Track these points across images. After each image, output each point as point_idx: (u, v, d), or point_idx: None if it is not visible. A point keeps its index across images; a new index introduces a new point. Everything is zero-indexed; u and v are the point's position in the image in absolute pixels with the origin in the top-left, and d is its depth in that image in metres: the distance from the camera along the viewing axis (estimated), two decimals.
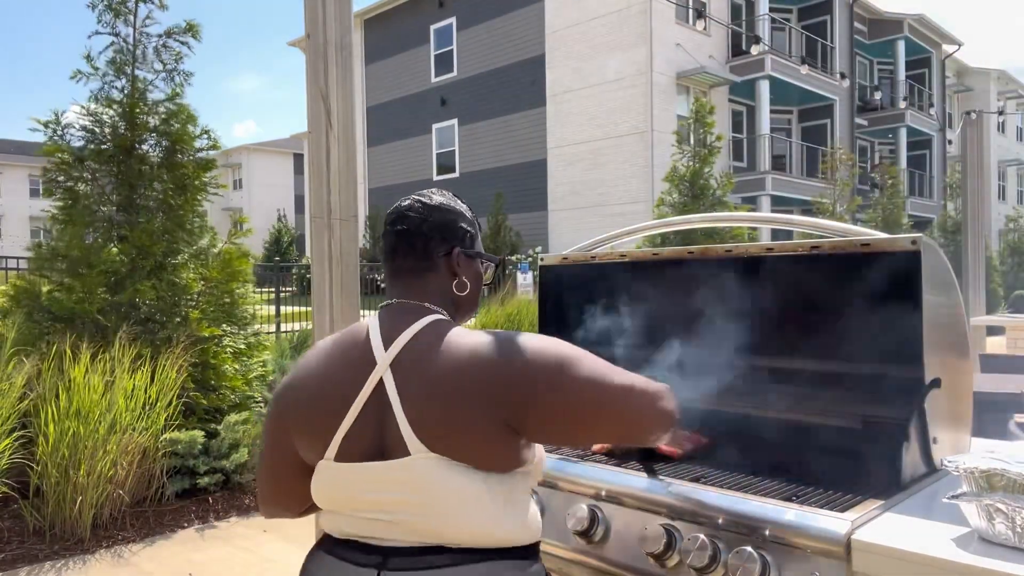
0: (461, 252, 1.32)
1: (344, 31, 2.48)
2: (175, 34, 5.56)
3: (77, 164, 5.36)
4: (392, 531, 1.17)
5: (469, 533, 1.15)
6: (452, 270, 1.31)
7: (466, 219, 1.36)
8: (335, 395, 1.20)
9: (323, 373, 1.24)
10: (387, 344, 1.21)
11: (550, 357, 1.18)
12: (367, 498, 1.17)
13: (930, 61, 28.93)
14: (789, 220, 2.04)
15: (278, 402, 1.29)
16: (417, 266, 1.30)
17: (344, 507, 1.21)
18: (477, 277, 1.37)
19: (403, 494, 1.15)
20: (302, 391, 1.25)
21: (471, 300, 1.36)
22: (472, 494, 1.14)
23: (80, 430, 4.05)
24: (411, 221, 1.30)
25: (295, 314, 13.04)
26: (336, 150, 2.45)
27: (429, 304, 1.28)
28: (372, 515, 1.17)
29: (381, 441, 1.18)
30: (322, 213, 2.45)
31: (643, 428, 1.29)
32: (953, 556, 1.18)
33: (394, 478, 1.15)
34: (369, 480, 1.17)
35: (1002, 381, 3.40)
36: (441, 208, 1.32)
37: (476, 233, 1.38)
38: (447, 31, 23.68)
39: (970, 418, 1.73)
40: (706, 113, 13.72)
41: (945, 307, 1.62)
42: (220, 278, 5.51)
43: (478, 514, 1.15)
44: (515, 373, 1.16)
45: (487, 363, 1.16)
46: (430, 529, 1.15)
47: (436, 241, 1.30)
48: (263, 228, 31.14)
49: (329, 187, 2.45)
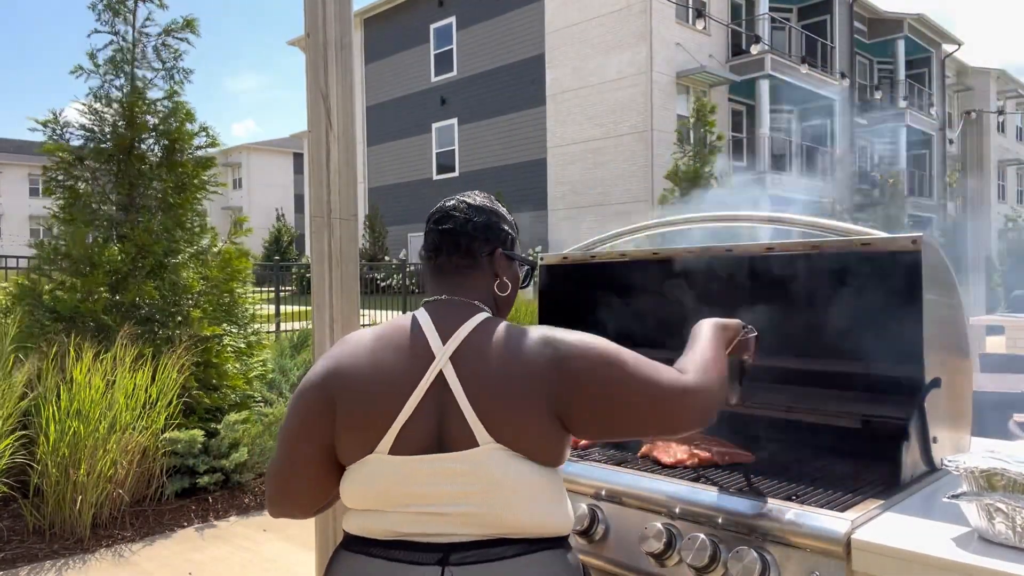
0: (503, 253, 1.34)
1: (344, 30, 2.48)
2: (174, 31, 5.56)
3: (77, 163, 5.36)
4: (450, 525, 1.16)
5: (529, 523, 1.17)
6: (494, 270, 1.34)
7: (507, 221, 1.38)
8: (391, 388, 1.19)
9: (372, 367, 1.22)
10: (444, 338, 1.22)
11: (590, 353, 1.20)
12: (426, 491, 1.16)
13: (930, 61, 28.92)
14: (789, 220, 2.04)
15: (315, 395, 1.24)
16: (462, 264, 1.31)
17: (397, 502, 1.18)
18: (515, 279, 1.39)
19: (467, 485, 1.15)
20: (349, 384, 1.22)
21: (509, 301, 1.38)
22: (533, 484, 1.17)
23: (80, 429, 4.05)
24: (456, 220, 1.32)
25: (295, 313, 13.04)
26: (336, 149, 2.45)
27: (478, 302, 1.30)
28: (429, 509, 1.16)
29: (441, 433, 1.18)
30: (322, 213, 2.44)
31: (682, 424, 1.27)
32: (953, 556, 1.18)
33: (459, 469, 1.15)
34: (430, 472, 1.16)
35: (1002, 381, 3.40)
36: (484, 209, 1.35)
37: (516, 236, 1.40)
38: (447, 30, 23.68)
39: (970, 417, 1.73)
40: (707, 112, 13.73)
41: (945, 306, 1.62)
42: (220, 277, 5.51)
43: (537, 505, 1.18)
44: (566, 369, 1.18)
45: (543, 359, 1.18)
46: (493, 520, 1.15)
47: (480, 241, 1.32)
48: (263, 227, 31.14)
49: (329, 187, 2.44)
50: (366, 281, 16.23)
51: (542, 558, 1.17)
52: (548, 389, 1.17)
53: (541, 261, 2.39)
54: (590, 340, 1.23)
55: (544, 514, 1.19)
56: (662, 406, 1.22)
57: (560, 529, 1.22)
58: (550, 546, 1.20)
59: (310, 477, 1.26)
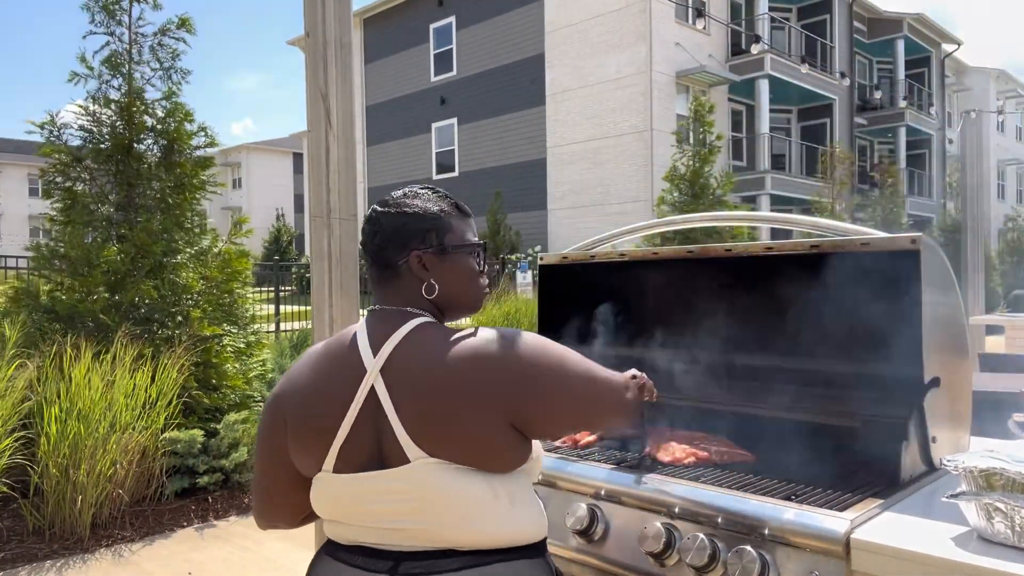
0: (422, 254, 1.26)
1: (344, 30, 2.48)
2: (169, 31, 5.55)
3: (75, 164, 5.36)
4: (401, 537, 1.15)
5: (477, 536, 1.14)
6: (417, 275, 1.26)
7: (426, 218, 1.27)
8: (328, 405, 1.18)
9: (314, 383, 1.22)
10: (375, 350, 1.19)
11: (550, 355, 1.20)
12: (370, 509, 1.16)
13: (930, 60, 28.92)
14: (789, 220, 2.04)
15: (271, 414, 1.26)
16: (383, 275, 1.28)
17: (348, 518, 1.19)
18: (458, 272, 1.29)
19: (406, 502, 1.13)
20: (294, 403, 1.22)
21: (455, 298, 1.30)
22: (476, 496, 1.14)
23: (80, 429, 4.05)
24: (366, 234, 1.30)
25: (295, 313, 13.04)
26: (335, 149, 2.45)
27: (411, 308, 1.25)
28: (379, 524, 1.16)
29: (379, 450, 1.16)
30: (321, 212, 2.45)
31: (616, 418, 1.33)
32: (952, 555, 1.18)
33: (395, 487, 1.14)
34: (370, 490, 1.15)
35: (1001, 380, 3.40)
36: (392, 213, 1.28)
37: (444, 226, 1.28)
38: (447, 30, 23.67)
39: (969, 417, 1.73)
40: (705, 112, 13.72)
41: (944, 306, 1.62)
42: (220, 278, 5.51)
43: (485, 516, 1.14)
44: (518, 373, 1.15)
45: (485, 364, 1.15)
46: (438, 535, 1.14)
47: (392, 249, 1.26)
48: (262, 227, 31.13)
49: (328, 186, 2.44)
50: (366, 281, 16.20)
51: (500, 569, 1.14)
52: (496, 395, 1.13)
53: (541, 261, 2.39)
54: (541, 341, 1.22)
55: (496, 524, 1.15)
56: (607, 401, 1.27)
57: (521, 538, 1.19)
58: (511, 556, 1.17)
59: (283, 492, 1.28)
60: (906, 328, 1.55)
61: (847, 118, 25.05)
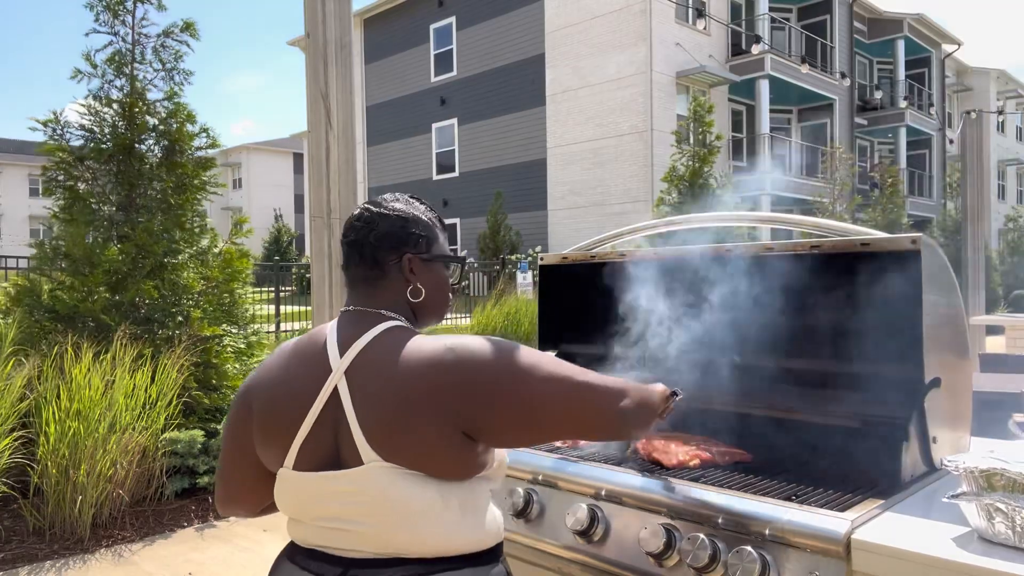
0: (413, 257, 1.28)
1: (344, 30, 2.48)
2: (173, 33, 5.56)
3: (77, 163, 5.36)
4: (352, 541, 1.16)
5: (425, 543, 1.14)
6: (405, 277, 1.28)
7: (420, 223, 1.31)
8: (293, 403, 1.19)
9: (281, 379, 1.23)
10: (343, 351, 1.19)
11: (503, 363, 1.17)
12: (324, 508, 1.16)
13: (930, 61, 28.92)
14: (789, 220, 2.04)
15: (239, 405, 1.27)
16: (369, 275, 1.28)
17: (304, 516, 1.20)
18: (438, 281, 1.33)
19: (358, 504, 1.14)
20: (261, 396, 1.24)
21: (432, 305, 1.33)
22: (426, 504, 1.13)
23: (80, 429, 4.05)
24: (358, 231, 1.29)
25: (295, 313, 13.04)
26: (336, 149, 2.45)
27: (386, 311, 1.26)
28: (331, 524, 1.16)
29: (337, 450, 1.17)
30: (322, 212, 2.45)
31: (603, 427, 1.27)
32: (953, 556, 1.18)
33: (349, 488, 1.14)
34: (325, 490, 1.16)
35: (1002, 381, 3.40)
36: (390, 215, 1.29)
37: (434, 236, 1.33)
38: (447, 30, 23.67)
39: (970, 417, 1.73)
40: (704, 112, 13.71)
41: (945, 306, 1.62)
42: (221, 278, 5.52)
43: (433, 524, 1.14)
44: (468, 381, 1.14)
45: (439, 371, 1.14)
46: (386, 540, 1.14)
47: (384, 249, 1.27)
48: (263, 228, 31.14)
49: (329, 186, 2.45)
50: None
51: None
52: (448, 402, 1.13)
53: (541, 261, 2.39)
54: (498, 348, 1.18)
55: (445, 533, 1.15)
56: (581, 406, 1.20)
57: (470, 546, 1.18)
58: (458, 565, 1.16)
59: (244, 482, 1.30)
60: (906, 328, 1.55)
61: (847, 118, 25.05)
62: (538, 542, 1.71)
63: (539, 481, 1.76)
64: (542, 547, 1.71)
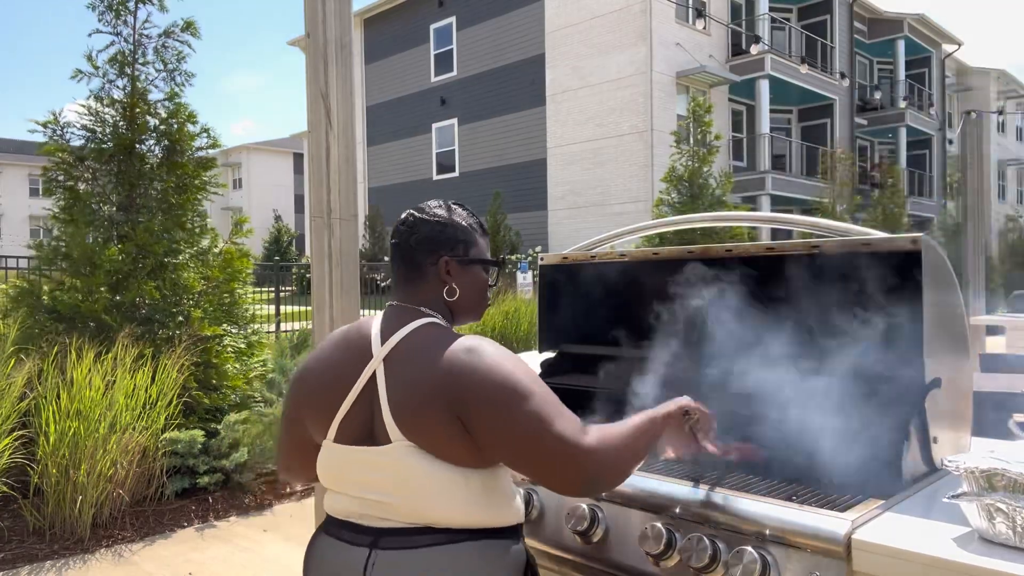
0: (450, 260, 1.39)
1: (344, 30, 2.48)
2: (173, 33, 5.56)
3: (78, 163, 5.36)
4: (383, 511, 1.27)
5: (449, 515, 1.25)
6: (441, 278, 1.39)
7: (460, 228, 1.42)
8: (338, 383, 1.33)
9: (330, 361, 1.37)
10: (383, 340, 1.32)
11: (504, 381, 1.22)
12: (358, 479, 1.29)
13: (930, 61, 28.92)
14: (789, 220, 2.04)
15: (294, 385, 1.43)
16: (409, 275, 1.40)
17: (341, 486, 1.33)
18: (474, 282, 1.44)
19: (386, 478, 1.26)
20: (313, 376, 1.39)
21: (467, 305, 1.44)
22: (447, 481, 1.24)
23: (80, 430, 4.05)
24: (401, 234, 1.41)
25: (295, 313, 13.04)
26: (336, 149, 2.45)
27: (424, 308, 1.38)
28: (364, 495, 1.29)
29: (371, 428, 1.29)
30: (322, 213, 2.45)
31: (556, 480, 1.25)
32: (953, 556, 1.18)
33: (378, 462, 1.27)
34: (359, 462, 1.29)
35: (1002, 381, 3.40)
36: (430, 220, 1.41)
37: (472, 241, 1.43)
38: (447, 30, 23.68)
39: (970, 417, 1.73)
40: (703, 112, 13.71)
41: (945, 306, 1.62)
42: (221, 278, 5.52)
43: (455, 499, 1.25)
44: (469, 383, 1.23)
45: (452, 366, 1.24)
46: (410, 510, 1.25)
47: (423, 252, 1.39)
48: (263, 228, 31.14)
49: (329, 187, 2.45)
50: (366, 281, 16.22)
51: (463, 549, 1.25)
52: (448, 396, 1.23)
53: (541, 261, 2.39)
54: (501, 363, 1.24)
55: (467, 508, 1.26)
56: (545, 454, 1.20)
57: (493, 521, 1.29)
58: (475, 537, 1.26)
59: (298, 454, 1.44)
60: (907, 328, 1.55)
61: (847, 118, 25.05)
62: (539, 543, 1.71)
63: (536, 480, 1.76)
64: (543, 548, 1.71)
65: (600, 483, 1.29)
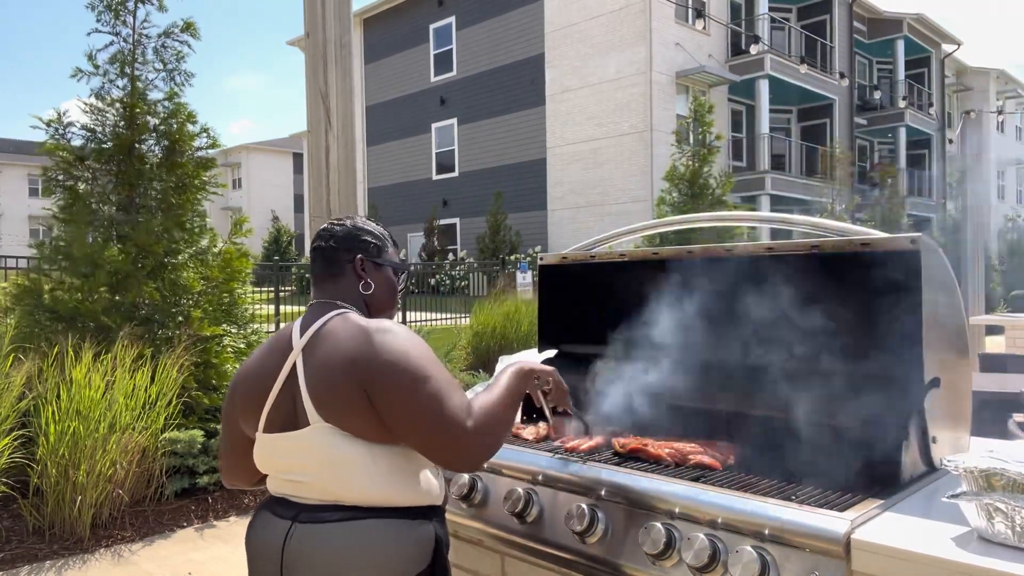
0: (365, 259, 1.57)
1: (344, 30, 2.48)
2: (173, 33, 5.56)
3: (77, 163, 5.36)
4: (302, 490, 1.40)
5: (356, 493, 1.36)
6: (358, 274, 1.56)
7: (372, 234, 1.61)
8: (264, 378, 1.45)
9: (260, 361, 1.50)
10: (302, 333, 1.45)
11: (405, 359, 1.35)
12: (283, 462, 1.42)
13: (929, 61, 28.92)
14: (789, 220, 2.04)
15: (229, 389, 1.55)
16: (328, 273, 1.56)
17: (271, 469, 1.46)
18: (387, 282, 1.60)
19: (304, 459, 1.38)
20: (242, 378, 1.51)
21: (380, 301, 1.59)
22: (358, 459, 1.36)
23: (80, 429, 4.05)
24: (322, 237, 1.58)
25: (295, 313, 13.02)
26: (335, 149, 2.45)
27: (341, 302, 1.51)
28: (288, 476, 1.42)
29: (294, 415, 1.41)
30: (322, 212, 2.45)
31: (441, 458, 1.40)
32: (952, 555, 1.18)
33: (299, 445, 1.39)
34: (283, 447, 1.41)
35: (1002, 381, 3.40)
36: (348, 227, 1.59)
37: (384, 246, 1.62)
38: (446, 30, 23.67)
39: (969, 417, 1.73)
40: (705, 112, 13.71)
41: (944, 306, 1.62)
42: (221, 278, 5.52)
43: (365, 477, 1.36)
44: (373, 358, 1.35)
45: (360, 344, 1.37)
46: (323, 488, 1.37)
47: (342, 251, 1.55)
48: (262, 228, 31.14)
49: (328, 186, 2.45)
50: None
51: (366, 526, 1.35)
52: (358, 374, 1.35)
53: (541, 261, 2.39)
54: (402, 344, 1.38)
55: (375, 486, 1.36)
56: (437, 434, 1.34)
57: (399, 500, 1.39)
58: (381, 516, 1.37)
59: (240, 455, 1.55)
60: (906, 328, 1.55)
61: (847, 118, 25.05)
62: (537, 542, 1.71)
63: (539, 481, 1.76)
64: (542, 547, 1.71)
65: (482, 461, 1.43)
